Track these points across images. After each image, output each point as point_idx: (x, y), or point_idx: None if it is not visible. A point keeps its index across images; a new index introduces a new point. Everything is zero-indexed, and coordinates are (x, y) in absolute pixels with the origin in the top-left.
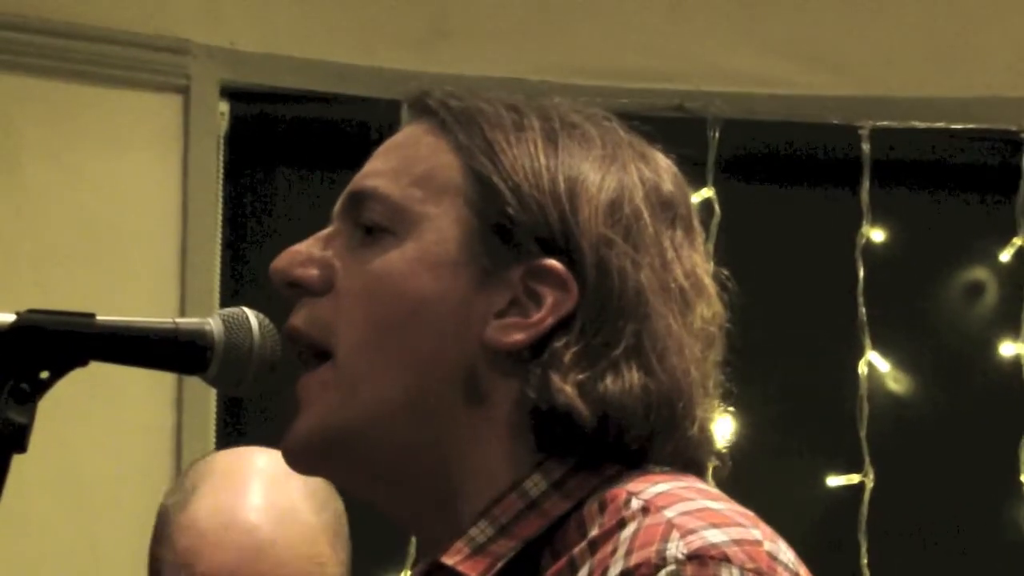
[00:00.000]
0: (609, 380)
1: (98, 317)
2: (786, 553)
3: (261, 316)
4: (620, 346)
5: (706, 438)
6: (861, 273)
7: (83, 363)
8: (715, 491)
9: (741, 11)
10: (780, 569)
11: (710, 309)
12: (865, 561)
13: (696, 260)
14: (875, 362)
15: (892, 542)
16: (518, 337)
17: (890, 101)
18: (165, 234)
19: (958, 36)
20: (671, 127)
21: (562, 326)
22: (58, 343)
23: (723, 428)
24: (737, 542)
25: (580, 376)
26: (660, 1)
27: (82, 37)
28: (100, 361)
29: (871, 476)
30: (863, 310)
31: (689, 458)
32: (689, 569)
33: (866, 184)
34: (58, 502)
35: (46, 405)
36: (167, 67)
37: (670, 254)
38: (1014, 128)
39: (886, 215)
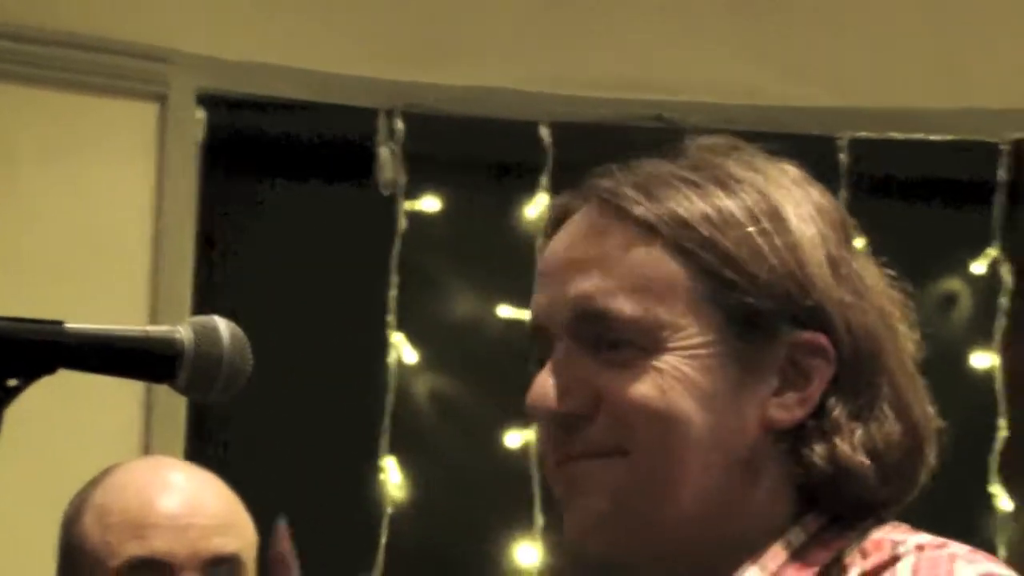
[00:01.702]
0: (878, 434)
1: (67, 324)
2: None
3: (232, 325)
4: (881, 398)
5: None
6: None
7: (52, 371)
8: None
9: (720, 21)
10: None
11: (909, 324)
12: None
13: (876, 273)
14: None
15: None
16: (799, 413)
17: (868, 112)
18: (139, 241)
19: (938, 47)
20: (649, 137)
21: (829, 391)
22: (27, 351)
23: None
24: None
25: (858, 435)
26: (639, 11)
27: (59, 44)
28: (69, 369)
29: None
30: None
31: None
32: None
33: (843, 194)
34: (26, 508)
35: (14, 411)
36: (145, 74)
37: (870, 282)
38: (994, 140)
39: (862, 225)
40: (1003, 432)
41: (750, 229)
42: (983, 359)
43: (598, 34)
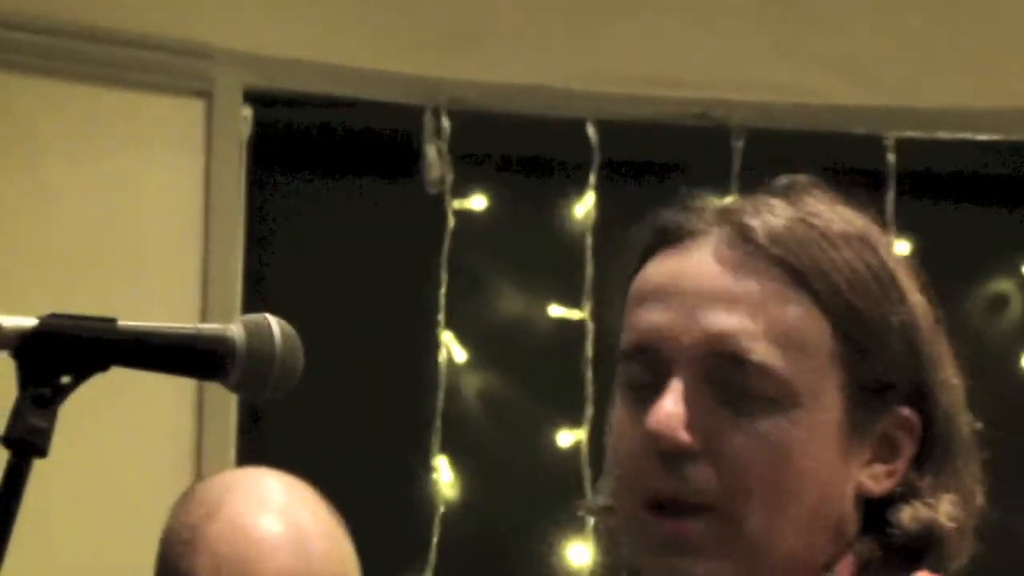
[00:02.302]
0: (955, 508)
1: (120, 322)
2: None
3: (283, 323)
4: (957, 480)
5: None
6: None
7: (104, 368)
8: None
9: (766, 20)
10: None
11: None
12: None
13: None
14: None
15: None
16: (887, 484)
17: (916, 112)
18: (187, 239)
19: (984, 46)
20: (694, 136)
21: (912, 466)
22: (80, 348)
23: None
24: None
25: (937, 507)
26: (685, 8)
27: (106, 41)
28: (121, 366)
29: None
30: None
31: None
32: None
33: (891, 195)
34: (77, 507)
35: (66, 410)
36: (191, 71)
37: (955, 377)
38: None
39: (910, 226)
40: None
41: (882, 300)
42: None
43: (645, 32)
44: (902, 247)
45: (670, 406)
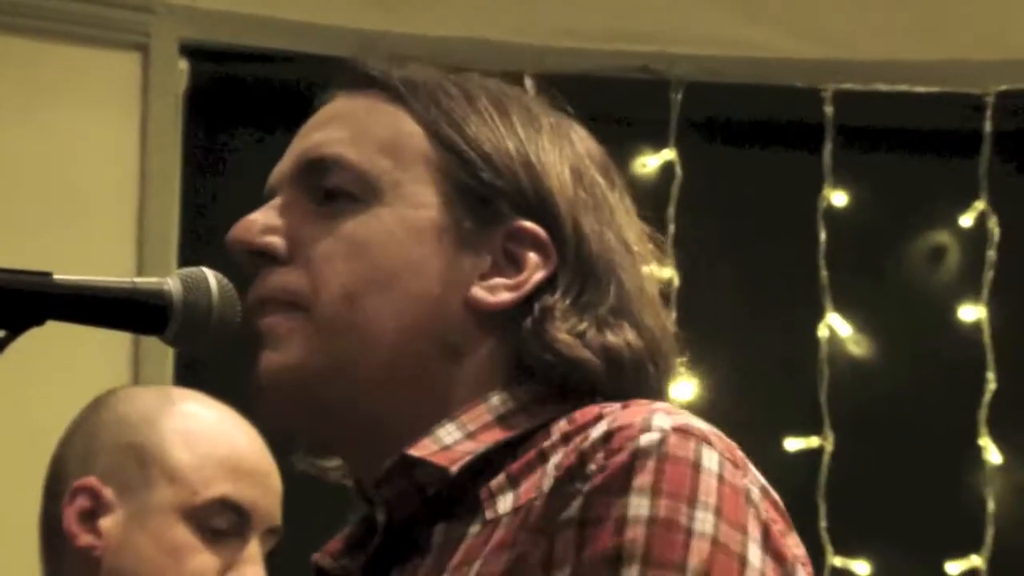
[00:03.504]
0: (607, 333)
1: (55, 276)
2: (755, 474)
3: (220, 276)
4: (607, 304)
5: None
6: (823, 236)
7: (39, 322)
8: None
9: None
10: (752, 475)
11: (659, 270)
12: (823, 524)
13: (638, 223)
14: (835, 325)
15: (850, 506)
16: (504, 297)
17: (853, 64)
18: (124, 192)
19: None
20: (634, 89)
21: (546, 287)
22: (15, 302)
23: (684, 390)
24: (718, 436)
25: (579, 327)
26: None
27: None
28: (57, 320)
29: (830, 439)
30: (824, 273)
31: None
32: (673, 437)
33: (828, 147)
34: (12, 459)
35: (1, 364)
36: (127, 24)
37: (622, 219)
38: (978, 92)
39: (848, 178)
40: (991, 385)
41: (498, 119)
42: (971, 312)
43: None
44: (838, 198)
45: (252, 216)
